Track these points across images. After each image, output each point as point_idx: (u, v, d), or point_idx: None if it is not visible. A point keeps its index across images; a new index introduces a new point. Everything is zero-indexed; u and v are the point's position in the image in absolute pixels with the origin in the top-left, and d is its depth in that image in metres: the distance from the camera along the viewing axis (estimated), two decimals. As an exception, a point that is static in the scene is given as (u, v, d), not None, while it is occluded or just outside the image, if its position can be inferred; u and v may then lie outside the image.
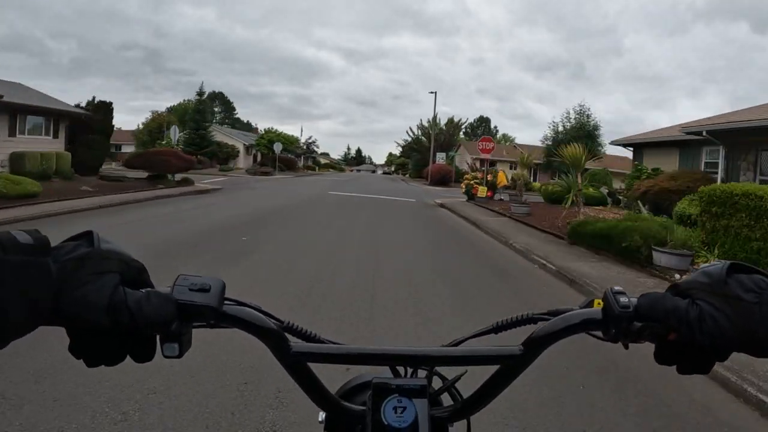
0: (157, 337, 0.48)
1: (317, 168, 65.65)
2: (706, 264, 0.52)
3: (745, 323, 0.43)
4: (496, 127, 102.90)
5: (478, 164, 26.27)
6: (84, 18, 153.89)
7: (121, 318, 0.43)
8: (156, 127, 49.73)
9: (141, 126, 53.18)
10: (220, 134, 44.21)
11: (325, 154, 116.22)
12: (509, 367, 0.55)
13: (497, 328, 0.60)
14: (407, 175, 60.97)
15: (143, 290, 0.46)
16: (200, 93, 42.97)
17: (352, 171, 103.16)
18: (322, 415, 0.62)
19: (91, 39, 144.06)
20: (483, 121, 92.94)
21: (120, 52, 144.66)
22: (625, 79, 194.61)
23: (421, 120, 45.20)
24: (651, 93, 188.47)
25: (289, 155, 51.62)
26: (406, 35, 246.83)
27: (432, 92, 38.21)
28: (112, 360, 0.46)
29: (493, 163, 31.89)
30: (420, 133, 46.93)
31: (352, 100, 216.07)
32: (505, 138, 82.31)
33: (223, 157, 42.54)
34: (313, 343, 0.58)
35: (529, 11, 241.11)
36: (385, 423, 0.53)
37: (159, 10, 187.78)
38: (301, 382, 0.56)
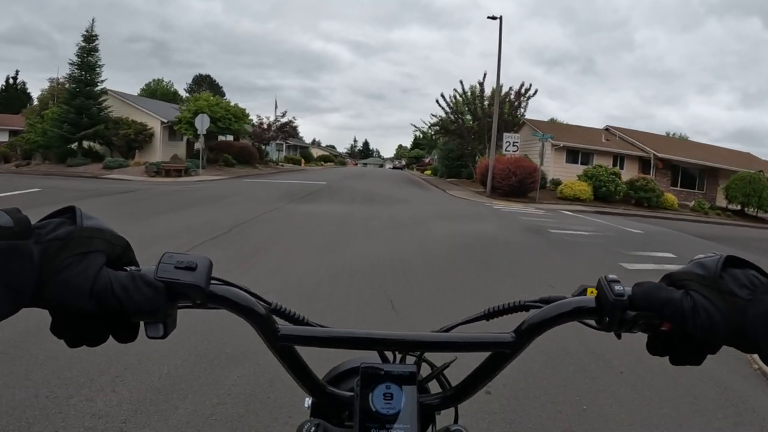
0: None
1: (303, 161, 47.25)
2: (702, 255, 0.49)
3: (736, 319, 0.44)
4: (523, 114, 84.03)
5: None
6: (90, 11, 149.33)
7: (107, 304, 0.42)
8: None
9: (35, 103, 35.54)
10: (123, 106, 26.11)
11: (331, 147, 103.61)
12: (501, 354, 0.54)
13: (488, 315, 0.58)
14: (428, 173, 42.46)
15: (128, 270, 0.45)
16: (88, 36, 24.87)
17: (356, 165, 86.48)
18: (308, 401, 0.61)
19: (97, 32, 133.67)
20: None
21: (126, 44, 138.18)
22: (635, 75, 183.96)
23: (461, 83, 26.12)
24: (661, 89, 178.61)
25: (254, 141, 33.44)
26: (414, 28, 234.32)
27: (493, 17, 19.62)
28: (94, 341, 0.45)
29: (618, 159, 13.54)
30: (461, 103, 27.63)
31: (361, 94, 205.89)
32: (554, 122, 63.75)
33: (121, 143, 24.56)
34: (301, 326, 0.55)
35: (539, 4, 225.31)
36: (374, 410, 0.51)
37: (165, 2, 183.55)
38: (288, 365, 0.54)
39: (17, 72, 59.22)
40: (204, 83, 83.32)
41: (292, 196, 13.95)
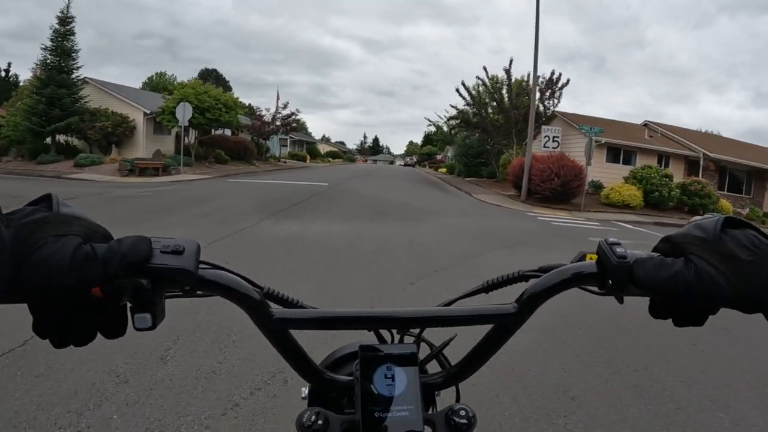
0: (128, 308, 0.43)
1: (308, 158, 44.20)
2: (699, 217, 0.48)
3: (739, 283, 0.43)
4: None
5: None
6: (100, 7, 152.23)
7: (90, 271, 0.39)
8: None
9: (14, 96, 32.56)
10: (103, 95, 23.16)
11: (341, 143, 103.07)
12: (504, 326, 0.52)
13: (488, 287, 0.57)
14: (443, 171, 39.22)
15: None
16: (63, 18, 21.96)
17: (366, 162, 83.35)
18: (305, 390, 0.60)
19: (107, 28, 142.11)
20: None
21: (137, 41, 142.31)
22: (646, 73, 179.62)
23: (485, 70, 22.65)
24: (673, 87, 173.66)
25: (253, 135, 30.43)
26: (425, 24, 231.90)
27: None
28: (81, 337, 0.42)
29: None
30: (484, 93, 24.14)
31: (371, 90, 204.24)
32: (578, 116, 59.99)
33: (97, 137, 21.62)
34: (295, 309, 0.54)
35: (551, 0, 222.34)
36: (376, 392, 0.50)
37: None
38: (284, 351, 0.52)
39: (9, 64, 56.48)
40: (210, 77, 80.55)
41: (277, 204, 10.68)
